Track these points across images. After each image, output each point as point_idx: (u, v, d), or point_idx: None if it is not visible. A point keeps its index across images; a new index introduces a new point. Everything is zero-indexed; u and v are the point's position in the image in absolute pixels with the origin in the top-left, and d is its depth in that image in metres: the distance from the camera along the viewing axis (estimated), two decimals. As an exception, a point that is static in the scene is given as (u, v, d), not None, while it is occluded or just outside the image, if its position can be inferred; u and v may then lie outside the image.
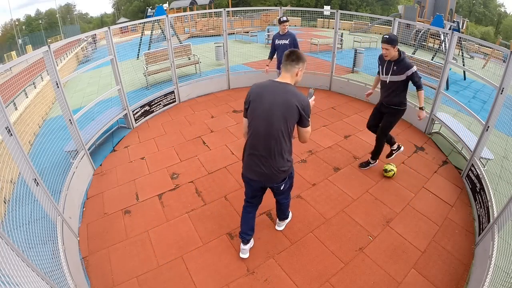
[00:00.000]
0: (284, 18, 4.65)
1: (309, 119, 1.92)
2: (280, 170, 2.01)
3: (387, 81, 3.17)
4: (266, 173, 2.00)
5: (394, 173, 3.47)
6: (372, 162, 3.68)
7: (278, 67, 4.91)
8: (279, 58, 4.85)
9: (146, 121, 5.08)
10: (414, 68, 3.01)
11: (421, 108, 3.19)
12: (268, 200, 3.14)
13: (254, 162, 2.01)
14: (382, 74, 3.21)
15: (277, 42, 4.78)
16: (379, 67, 3.31)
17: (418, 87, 3.10)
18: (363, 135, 4.47)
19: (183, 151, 4.10)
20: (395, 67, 3.06)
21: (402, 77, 3.05)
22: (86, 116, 3.84)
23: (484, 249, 2.36)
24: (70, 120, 3.26)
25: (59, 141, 3.38)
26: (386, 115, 3.37)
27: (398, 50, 3.02)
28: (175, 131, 4.68)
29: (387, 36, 3.00)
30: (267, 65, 5.07)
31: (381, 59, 3.23)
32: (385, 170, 3.49)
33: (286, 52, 1.92)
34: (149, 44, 10.14)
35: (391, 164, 3.53)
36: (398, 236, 2.71)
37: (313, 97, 2.11)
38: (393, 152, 3.66)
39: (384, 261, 2.46)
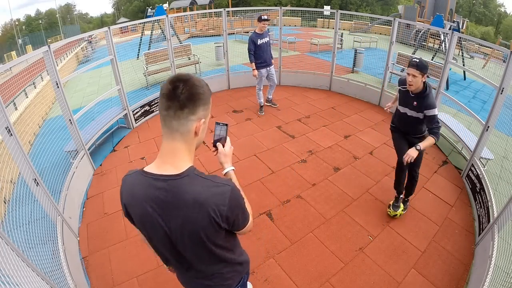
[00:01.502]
0: (266, 17, 4.60)
1: (244, 211, 1.00)
2: (223, 283, 1.17)
3: (406, 115, 2.61)
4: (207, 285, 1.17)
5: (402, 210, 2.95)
6: (407, 199, 3.02)
7: (265, 66, 4.81)
8: (264, 58, 4.75)
9: (146, 121, 5.08)
10: (436, 111, 2.36)
11: (416, 148, 2.39)
12: (268, 199, 3.15)
13: (184, 279, 1.21)
14: (400, 105, 2.66)
15: (259, 42, 4.64)
16: (398, 93, 2.71)
17: (433, 134, 2.40)
18: (363, 135, 4.47)
19: (183, 151, 4.10)
20: (415, 103, 2.45)
21: (420, 115, 2.49)
22: (86, 116, 3.84)
23: (484, 249, 2.36)
24: (70, 120, 3.26)
25: (59, 141, 3.38)
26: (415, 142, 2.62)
27: (425, 82, 2.39)
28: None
29: (417, 60, 2.30)
30: (255, 69, 4.77)
31: (402, 84, 2.58)
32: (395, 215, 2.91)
33: (164, 88, 0.86)
34: (149, 44, 10.14)
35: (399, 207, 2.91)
36: (398, 236, 2.71)
37: (228, 138, 1.15)
38: (406, 202, 3.01)
39: (384, 261, 2.46)
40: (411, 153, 2.38)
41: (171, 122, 0.87)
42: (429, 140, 2.41)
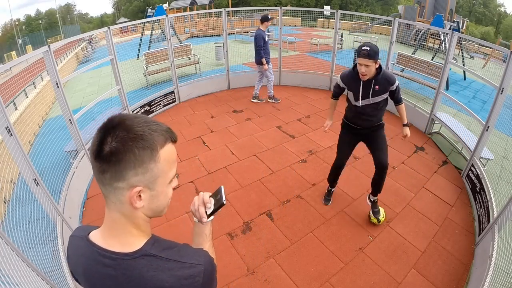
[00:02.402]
0: (271, 16, 5.22)
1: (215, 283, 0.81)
2: None
3: (368, 104, 2.41)
4: None
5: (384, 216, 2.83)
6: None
7: (269, 59, 5.31)
8: (269, 52, 5.30)
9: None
10: (397, 81, 2.36)
11: (405, 125, 2.57)
12: (268, 199, 3.15)
13: None
14: (358, 100, 2.42)
15: (266, 38, 5.18)
16: (339, 90, 2.60)
17: (399, 101, 2.49)
18: (363, 135, 4.46)
19: (183, 151, 4.10)
20: (376, 86, 2.31)
21: (385, 95, 2.38)
22: (86, 116, 3.84)
23: (484, 249, 2.36)
24: (70, 120, 3.26)
25: (59, 141, 3.38)
26: (376, 137, 2.60)
27: (379, 65, 2.29)
28: (175, 131, 4.63)
29: (368, 48, 2.12)
30: (266, 64, 5.21)
31: (349, 81, 2.43)
32: (378, 220, 2.78)
33: (92, 148, 0.60)
34: (149, 44, 10.14)
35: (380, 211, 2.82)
36: (398, 236, 2.71)
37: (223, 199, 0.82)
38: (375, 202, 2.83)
39: (384, 261, 2.46)
40: (407, 132, 2.55)
41: (99, 185, 0.63)
42: (404, 109, 2.56)
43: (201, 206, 0.83)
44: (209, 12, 15.04)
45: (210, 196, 0.84)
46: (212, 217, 0.84)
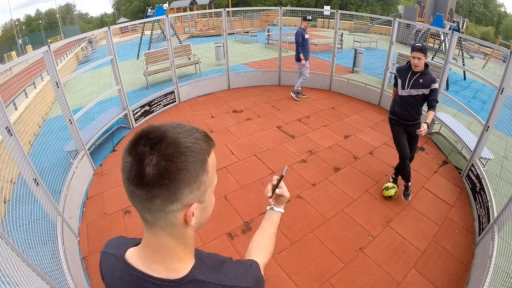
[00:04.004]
0: (310, 17, 5.48)
1: None
2: None
3: (412, 95, 2.87)
4: None
5: (396, 191, 3.14)
6: (409, 185, 3.18)
7: (308, 58, 5.54)
8: (308, 50, 5.50)
9: (146, 121, 5.08)
10: (437, 84, 2.85)
11: (426, 123, 2.77)
12: (268, 200, 3.15)
13: None
14: (404, 88, 2.89)
15: (306, 36, 5.38)
16: (397, 80, 2.98)
17: (433, 106, 2.84)
18: (363, 135, 4.46)
19: (183, 151, 4.10)
20: (421, 80, 2.80)
21: (427, 91, 2.82)
22: (86, 116, 3.85)
23: (484, 249, 2.36)
24: (70, 120, 3.26)
25: (59, 141, 3.38)
26: (412, 137, 3.05)
27: (426, 63, 2.81)
28: (175, 131, 4.67)
29: (420, 45, 2.69)
30: (303, 59, 5.44)
31: (401, 71, 2.93)
32: (386, 188, 3.14)
33: (122, 159, 0.53)
34: (149, 44, 10.14)
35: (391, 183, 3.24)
36: (398, 236, 2.71)
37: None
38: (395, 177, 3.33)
39: (384, 261, 2.46)
40: (425, 128, 2.76)
41: (142, 213, 0.58)
42: (431, 115, 2.86)
43: (269, 185, 0.95)
44: (209, 12, 15.05)
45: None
46: (277, 190, 0.96)
